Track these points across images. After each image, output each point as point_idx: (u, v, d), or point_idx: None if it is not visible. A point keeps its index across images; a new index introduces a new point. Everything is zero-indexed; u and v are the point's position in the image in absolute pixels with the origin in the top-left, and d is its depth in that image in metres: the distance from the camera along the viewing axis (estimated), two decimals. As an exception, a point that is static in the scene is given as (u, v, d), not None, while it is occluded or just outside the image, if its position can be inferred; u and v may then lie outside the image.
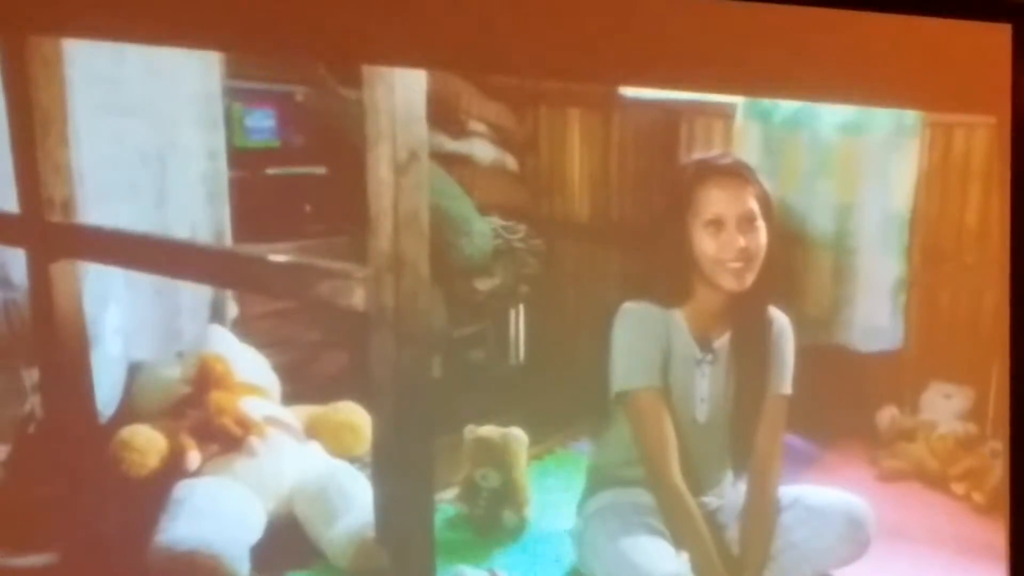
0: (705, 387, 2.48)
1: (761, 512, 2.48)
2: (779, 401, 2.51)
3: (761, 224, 2.38)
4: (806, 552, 2.48)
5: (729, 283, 2.37)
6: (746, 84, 2.84)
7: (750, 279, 2.38)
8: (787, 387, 2.52)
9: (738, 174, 2.40)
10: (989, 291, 3.25)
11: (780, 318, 2.53)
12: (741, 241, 2.35)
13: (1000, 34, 2.67)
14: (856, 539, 2.50)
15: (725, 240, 2.35)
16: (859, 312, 3.64)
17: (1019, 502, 2.78)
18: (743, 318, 2.47)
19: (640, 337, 2.44)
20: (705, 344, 2.47)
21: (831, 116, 3.55)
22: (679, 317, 2.45)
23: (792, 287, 3.59)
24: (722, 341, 2.49)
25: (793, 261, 3.62)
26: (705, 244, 2.36)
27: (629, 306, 2.46)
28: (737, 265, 2.35)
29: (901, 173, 3.53)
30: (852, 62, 2.57)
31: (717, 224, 2.35)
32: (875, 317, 3.63)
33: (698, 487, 2.50)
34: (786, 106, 3.56)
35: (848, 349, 3.65)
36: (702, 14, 2.55)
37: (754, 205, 2.38)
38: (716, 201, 2.36)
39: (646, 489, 2.48)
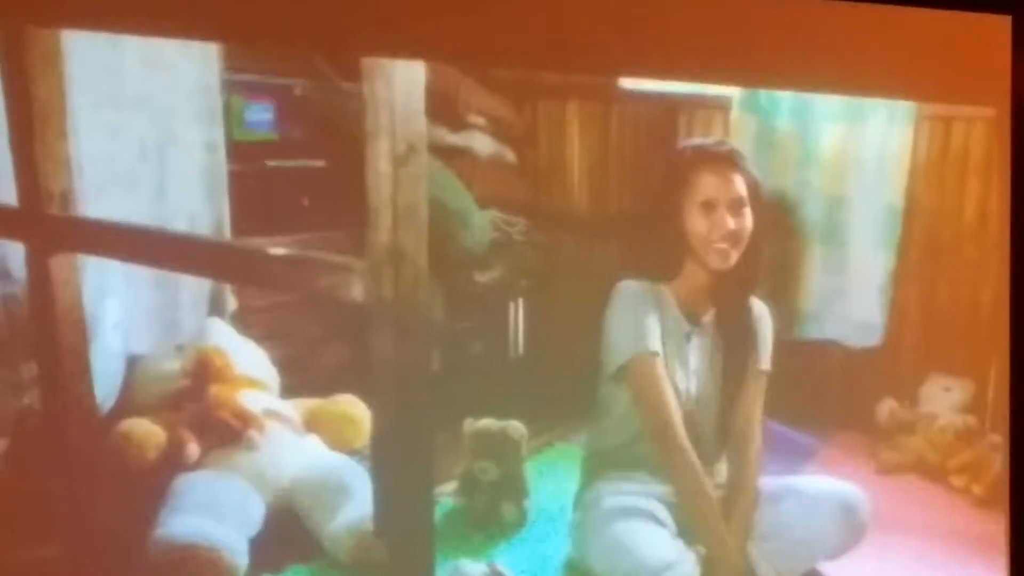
0: (695, 360, 2.56)
1: (741, 488, 2.53)
2: (758, 376, 2.59)
3: (748, 209, 2.49)
4: (801, 537, 2.50)
5: (715, 262, 2.48)
6: (744, 75, 2.85)
7: (734, 259, 2.48)
8: (766, 363, 2.60)
9: (731, 161, 2.51)
10: (988, 284, 3.25)
11: (758, 304, 2.62)
12: (730, 223, 2.46)
13: (1000, 25, 2.67)
14: (851, 525, 2.52)
15: (716, 221, 2.46)
16: (849, 306, 3.65)
17: (1019, 495, 2.78)
18: (726, 297, 2.57)
19: (635, 309, 2.51)
20: (693, 319, 2.57)
21: (826, 108, 3.55)
22: (668, 292, 2.55)
23: (784, 279, 3.60)
24: (708, 317, 2.58)
25: (787, 254, 3.63)
26: (697, 224, 2.47)
27: (623, 284, 2.55)
28: (723, 246, 2.46)
29: (895, 165, 3.54)
30: (851, 53, 2.57)
31: (709, 206, 2.46)
32: (864, 311, 3.64)
33: None
34: (782, 98, 3.56)
35: (837, 344, 3.66)
36: (701, 4, 2.55)
37: (744, 191, 2.49)
38: (710, 185, 2.47)
39: (641, 472, 2.53)
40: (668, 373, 2.49)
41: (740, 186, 2.48)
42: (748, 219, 2.48)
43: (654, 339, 2.49)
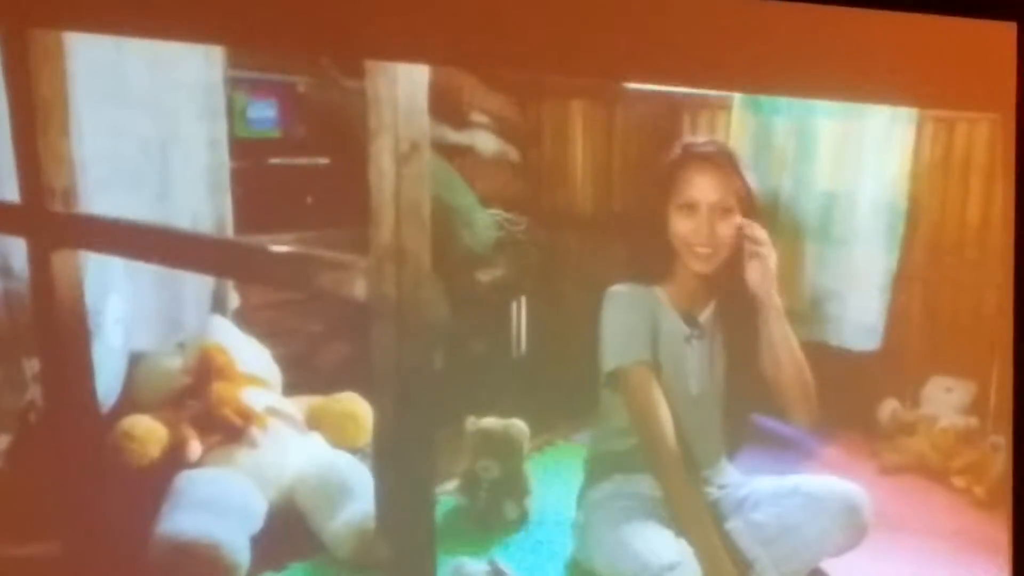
0: (696, 362, 2.53)
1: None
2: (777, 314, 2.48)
3: (737, 216, 2.43)
4: (804, 537, 2.48)
5: (696, 265, 2.46)
6: (750, 81, 2.84)
7: (716, 263, 2.45)
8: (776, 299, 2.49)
9: (719, 164, 2.47)
10: (991, 286, 3.25)
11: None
12: (711, 228, 2.42)
13: (1005, 32, 2.67)
14: (853, 524, 2.50)
15: (696, 224, 2.42)
16: (849, 308, 3.64)
17: (1022, 496, 2.78)
18: (723, 292, 2.52)
19: (627, 315, 2.50)
20: (691, 320, 2.53)
21: (826, 105, 3.54)
22: (662, 295, 2.52)
23: (783, 280, 3.59)
24: (706, 315, 2.55)
25: (787, 254, 3.61)
26: (678, 225, 2.44)
27: (614, 288, 2.53)
28: (704, 250, 2.43)
29: (896, 164, 3.52)
30: (857, 60, 2.57)
31: (691, 208, 2.43)
32: (865, 314, 3.62)
33: (694, 465, 2.54)
34: (782, 98, 3.55)
35: (836, 348, 3.64)
36: (704, 10, 2.54)
37: (731, 197, 2.44)
38: (693, 186, 2.43)
39: (645, 475, 2.51)
40: (665, 378, 2.47)
41: (727, 190, 2.43)
42: (735, 224, 2.43)
43: (643, 347, 2.46)
